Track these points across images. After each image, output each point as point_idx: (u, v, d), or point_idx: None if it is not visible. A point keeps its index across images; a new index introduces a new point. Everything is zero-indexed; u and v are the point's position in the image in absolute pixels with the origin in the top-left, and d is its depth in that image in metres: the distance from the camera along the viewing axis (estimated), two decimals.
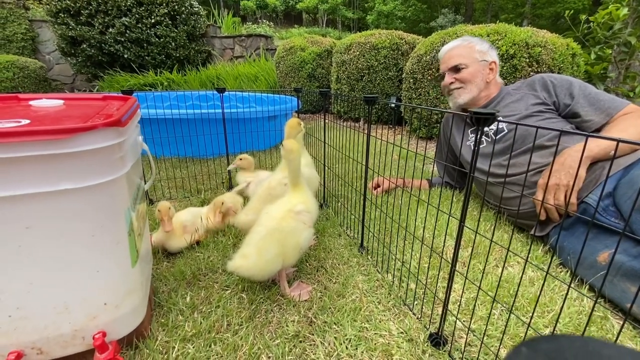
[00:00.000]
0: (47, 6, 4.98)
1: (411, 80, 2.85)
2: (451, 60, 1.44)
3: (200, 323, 0.82)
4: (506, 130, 1.32)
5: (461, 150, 1.48)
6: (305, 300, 0.91)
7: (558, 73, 2.19)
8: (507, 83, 1.53)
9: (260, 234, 0.87)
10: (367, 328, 0.81)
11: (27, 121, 0.57)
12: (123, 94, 1.40)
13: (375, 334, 0.79)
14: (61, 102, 0.75)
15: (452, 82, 1.44)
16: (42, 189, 0.52)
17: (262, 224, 0.89)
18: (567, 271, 1.06)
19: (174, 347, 0.75)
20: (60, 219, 0.56)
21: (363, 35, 3.58)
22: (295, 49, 4.30)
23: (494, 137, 1.35)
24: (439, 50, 1.54)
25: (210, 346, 0.76)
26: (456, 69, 1.42)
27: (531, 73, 2.19)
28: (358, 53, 3.50)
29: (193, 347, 0.75)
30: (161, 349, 0.75)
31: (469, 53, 1.40)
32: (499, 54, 1.50)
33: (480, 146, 1.40)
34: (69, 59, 5.40)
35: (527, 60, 2.20)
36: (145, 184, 0.92)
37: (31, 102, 0.72)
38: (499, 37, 2.30)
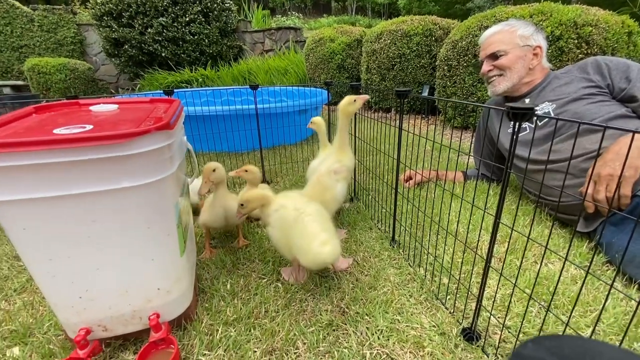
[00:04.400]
0: (92, 10, 5.33)
1: (445, 68, 2.75)
2: (490, 46, 1.36)
3: (240, 309, 0.88)
4: (552, 115, 1.24)
5: (499, 137, 1.41)
6: (345, 270, 0.99)
7: (611, 54, 2.02)
8: (554, 68, 1.43)
9: (318, 220, 0.91)
10: (398, 320, 0.83)
11: (91, 126, 0.64)
12: (165, 94, 1.49)
13: (407, 326, 0.81)
14: (116, 106, 0.82)
15: (490, 70, 1.37)
16: (107, 187, 0.59)
17: (307, 213, 0.92)
18: (615, 270, 1.01)
19: (217, 330, 0.82)
20: (121, 213, 0.63)
21: (394, 23, 3.48)
22: (324, 40, 4.27)
23: (538, 123, 1.28)
24: (476, 36, 1.47)
25: (250, 330, 0.82)
26: (494, 56, 1.35)
27: (580, 56, 2.03)
28: (389, 41, 3.42)
29: (235, 331, 0.81)
30: (206, 331, 0.82)
31: (510, 38, 1.32)
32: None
33: (523, 133, 1.33)
34: (113, 59, 5.77)
35: (576, 41, 2.03)
36: (189, 179, 0.99)
37: (91, 108, 0.80)
38: (544, 17, 2.14)
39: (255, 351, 0.76)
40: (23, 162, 0.54)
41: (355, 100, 1.16)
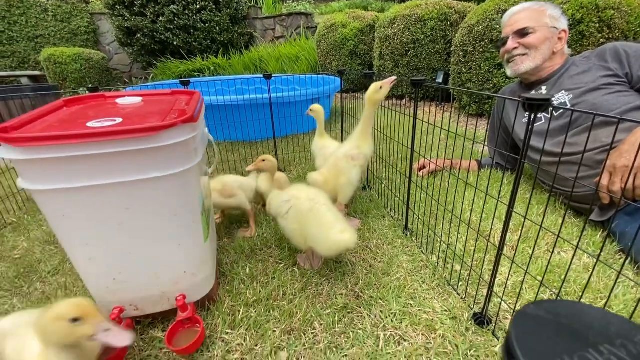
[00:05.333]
0: None
1: (461, 54, 2.69)
2: (517, 23, 1.31)
3: (260, 291, 0.93)
4: (569, 105, 1.22)
5: (514, 127, 1.40)
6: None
7: (633, 39, 1.95)
8: (574, 53, 1.38)
9: (332, 210, 0.95)
10: (411, 304, 0.86)
11: (120, 119, 0.68)
12: (181, 84, 1.53)
13: (420, 310, 0.84)
14: (140, 99, 0.86)
15: (515, 47, 1.31)
16: (137, 177, 0.63)
17: (321, 203, 0.96)
18: (628, 259, 1.01)
19: (239, 311, 0.87)
20: (150, 201, 0.67)
21: (408, 7, 3.39)
22: (336, 26, 4.21)
23: (554, 114, 1.26)
24: (493, 20, 1.43)
25: (269, 311, 0.87)
26: (522, 33, 1.29)
27: (601, 40, 1.96)
28: (403, 27, 3.35)
29: (255, 312, 0.86)
30: (228, 311, 0.87)
31: (539, 17, 1.27)
32: None
33: (539, 123, 1.32)
34: (126, 48, 5.83)
35: (597, 25, 1.96)
36: (209, 167, 1.03)
37: (117, 100, 0.84)
38: (564, 0, 2.07)
39: (275, 331, 0.81)
40: (62, 154, 0.58)
41: (381, 88, 1.12)
